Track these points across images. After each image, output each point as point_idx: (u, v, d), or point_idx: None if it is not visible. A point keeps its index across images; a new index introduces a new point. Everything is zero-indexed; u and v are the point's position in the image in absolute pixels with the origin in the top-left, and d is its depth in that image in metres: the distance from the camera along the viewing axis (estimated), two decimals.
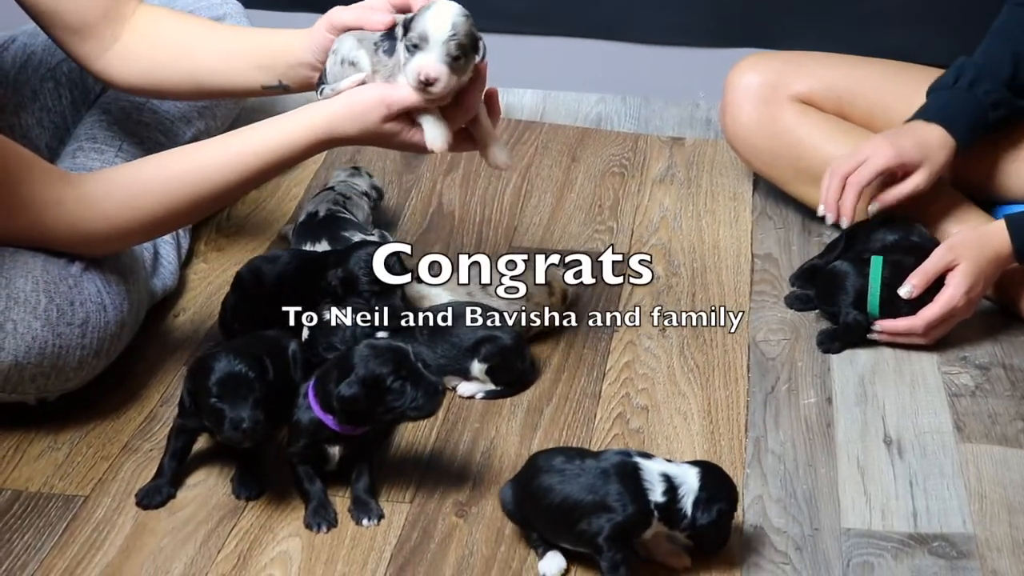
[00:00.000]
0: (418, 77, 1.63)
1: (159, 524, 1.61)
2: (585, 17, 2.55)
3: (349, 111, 1.66)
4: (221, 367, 1.59)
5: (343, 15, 1.72)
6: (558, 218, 2.23)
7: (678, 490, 1.50)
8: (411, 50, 1.63)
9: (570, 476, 1.51)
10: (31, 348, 1.66)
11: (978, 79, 1.98)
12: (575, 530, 1.50)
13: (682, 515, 1.50)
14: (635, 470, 1.51)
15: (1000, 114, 1.99)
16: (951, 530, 1.62)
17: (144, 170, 1.71)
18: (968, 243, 1.90)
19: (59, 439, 1.73)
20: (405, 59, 1.64)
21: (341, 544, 1.58)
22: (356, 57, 1.69)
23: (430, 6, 1.65)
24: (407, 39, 1.64)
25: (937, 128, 1.97)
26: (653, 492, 1.50)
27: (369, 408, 1.57)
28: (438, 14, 1.64)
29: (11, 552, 1.56)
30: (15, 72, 2.04)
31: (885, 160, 1.94)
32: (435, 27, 1.63)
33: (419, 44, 1.63)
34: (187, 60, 1.82)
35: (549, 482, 1.52)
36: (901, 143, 1.95)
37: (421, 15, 1.64)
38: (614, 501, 1.49)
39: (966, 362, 1.91)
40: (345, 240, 1.96)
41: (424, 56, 1.63)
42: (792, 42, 2.40)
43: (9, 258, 1.67)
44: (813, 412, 1.81)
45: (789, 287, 2.03)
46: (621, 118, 2.54)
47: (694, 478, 1.51)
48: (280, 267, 1.87)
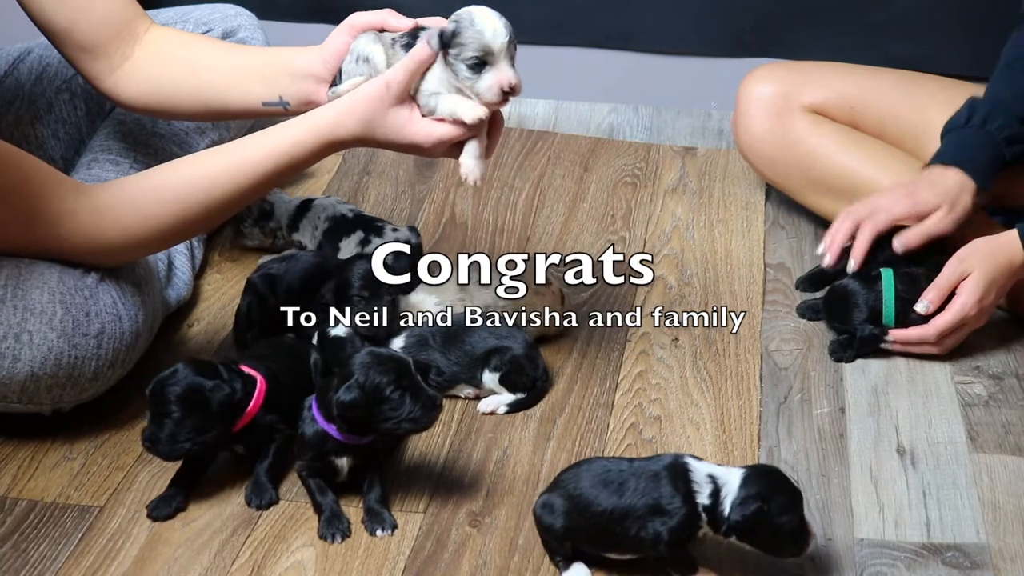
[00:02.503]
0: (502, 89, 1.62)
1: (174, 534, 1.61)
2: (597, 28, 2.56)
3: (352, 107, 1.66)
4: (159, 379, 1.62)
5: (365, 16, 1.73)
6: (570, 228, 2.23)
7: (721, 491, 1.50)
8: (476, 67, 1.62)
9: (619, 482, 1.51)
10: (47, 359, 1.67)
11: (991, 115, 1.96)
12: (631, 536, 1.50)
13: (723, 517, 1.49)
14: (685, 471, 1.51)
15: (1016, 150, 1.97)
16: (965, 540, 1.62)
17: (157, 178, 1.72)
18: (980, 253, 1.89)
19: (74, 449, 1.74)
20: (467, 78, 1.63)
21: (355, 554, 1.59)
22: (370, 52, 1.69)
23: (471, 17, 1.63)
24: (462, 58, 1.62)
25: (955, 172, 1.94)
26: (701, 495, 1.50)
27: (368, 415, 1.58)
28: (489, 23, 1.63)
29: (27, 562, 1.57)
30: (31, 84, 2.05)
31: (903, 210, 1.92)
32: (493, 36, 1.62)
33: (484, 58, 1.62)
34: (194, 78, 1.82)
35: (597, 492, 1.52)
36: (920, 195, 1.92)
37: (468, 27, 1.62)
38: (667, 504, 1.49)
39: (979, 372, 1.91)
40: (378, 229, 2.02)
41: (499, 68, 1.62)
42: (804, 52, 2.41)
43: (25, 269, 1.68)
44: (826, 422, 1.81)
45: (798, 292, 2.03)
46: (633, 128, 2.54)
47: (736, 478, 1.50)
48: (295, 268, 1.88)
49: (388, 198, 2.30)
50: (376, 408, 1.57)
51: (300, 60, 1.78)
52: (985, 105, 1.98)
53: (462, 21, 1.63)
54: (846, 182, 2.13)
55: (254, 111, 1.82)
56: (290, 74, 1.78)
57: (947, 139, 1.99)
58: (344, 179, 2.35)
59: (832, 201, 2.16)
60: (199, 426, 1.61)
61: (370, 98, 1.65)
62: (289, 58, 1.79)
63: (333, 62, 1.74)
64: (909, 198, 1.92)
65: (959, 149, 1.96)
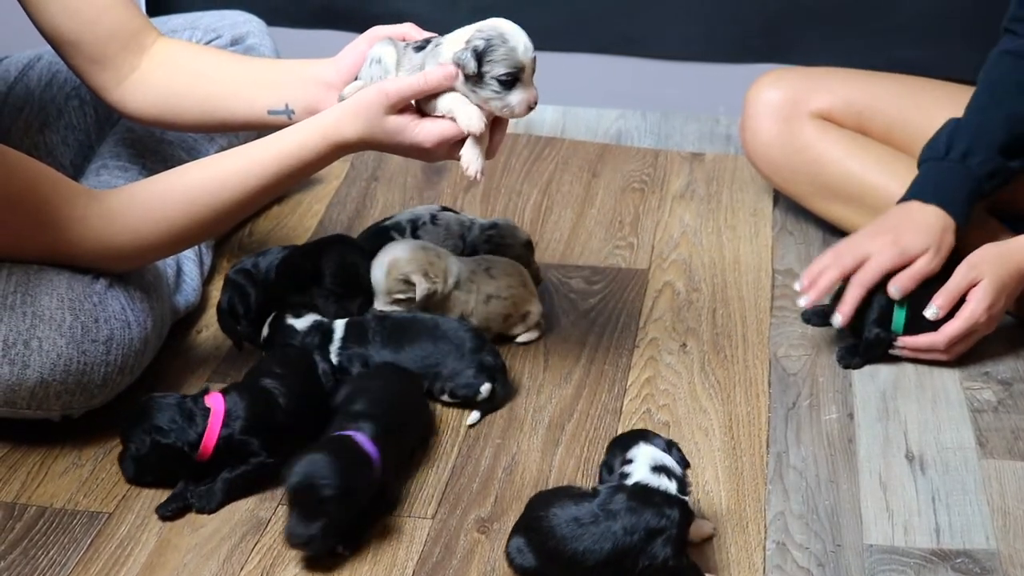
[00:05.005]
0: (529, 106, 1.65)
1: (182, 540, 1.61)
2: (605, 33, 2.56)
3: (354, 110, 1.67)
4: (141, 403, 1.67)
5: (385, 29, 1.75)
6: (578, 234, 2.23)
7: (667, 464, 1.54)
8: (508, 84, 1.63)
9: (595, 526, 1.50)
10: (56, 365, 1.67)
11: (972, 150, 1.93)
12: (637, 570, 1.50)
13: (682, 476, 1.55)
14: (646, 489, 1.51)
15: (996, 183, 1.95)
16: (974, 546, 1.62)
17: (165, 182, 1.72)
18: (989, 259, 1.89)
19: (83, 456, 1.74)
20: (495, 92, 1.64)
21: (363, 560, 1.59)
22: (382, 53, 1.70)
23: (502, 34, 1.64)
24: (494, 74, 1.63)
25: (936, 211, 1.92)
26: (671, 486, 1.52)
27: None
28: (520, 39, 1.64)
29: (36, 568, 1.57)
30: (40, 90, 2.06)
31: (890, 262, 1.89)
32: (524, 52, 1.64)
33: (517, 74, 1.63)
34: (200, 88, 1.83)
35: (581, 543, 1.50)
36: (905, 241, 1.89)
37: (501, 44, 1.63)
38: (658, 523, 1.49)
39: (988, 377, 1.90)
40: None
41: (527, 84, 1.64)
42: (812, 58, 2.41)
43: (34, 276, 1.68)
44: (835, 428, 1.81)
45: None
46: (641, 134, 2.54)
47: (661, 446, 1.56)
48: (268, 261, 1.90)
49: (396, 204, 2.30)
50: None
51: (312, 67, 1.79)
52: (965, 137, 1.95)
53: (493, 38, 1.63)
54: (854, 188, 2.13)
55: (259, 121, 1.82)
56: (300, 79, 1.79)
57: (925, 170, 1.97)
58: (352, 185, 2.35)
59: (840, 207, 2.16)
60: (160, 474, 1.67)
61: (368, 102, 1.66)
62: (300, 66, 1.80)
63: (347, 71, 1.75)
64: (895, 247, 1.89)
65: (939, 186, 1.94)
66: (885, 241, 1.90)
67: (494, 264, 1.93)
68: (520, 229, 2.03)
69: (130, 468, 1.67)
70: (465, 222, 2.04)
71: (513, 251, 1.99)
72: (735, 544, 1.61)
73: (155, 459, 1.64)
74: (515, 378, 1.88)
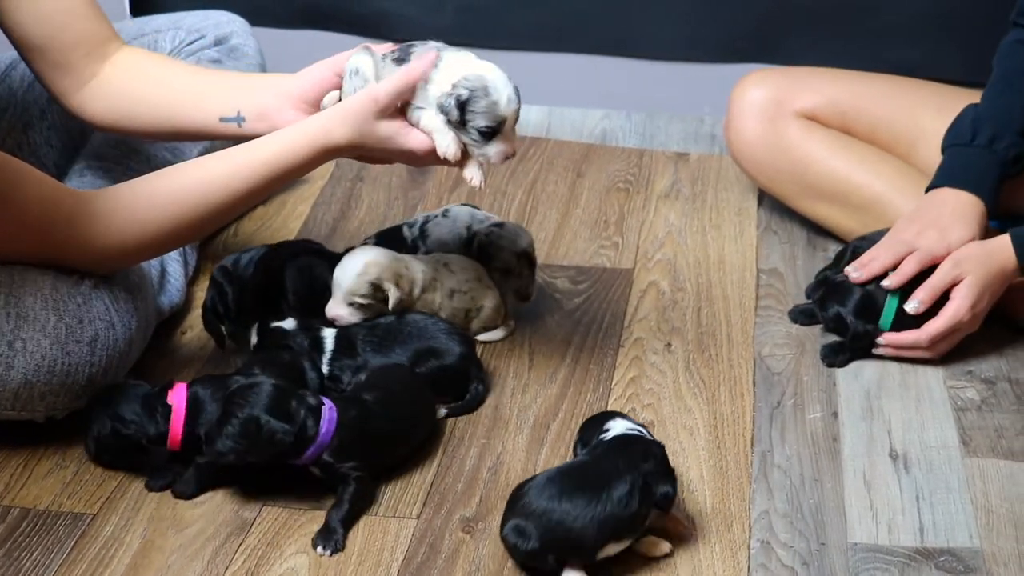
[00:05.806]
0: (506, 156, 1.68)
1: (167, 541, 1.61)
2: (590, 34, 2.56)
3: (342, 114, 1.69)
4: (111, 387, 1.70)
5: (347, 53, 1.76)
6: (563, 234, 2.23)
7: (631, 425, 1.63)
8: (487, 135, 1.66)
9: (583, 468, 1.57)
10: (40, 366, 1.67)
11: (998, 135, 1.96)
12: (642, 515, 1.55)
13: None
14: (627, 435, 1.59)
15: (1019, 167, 1.98)
16: (958, 544, 1.62)
17: (152, 184, 1.72)
18: (974, 257, 1.90)
19: (67, 457, 1.74)
20: (475, 141, 1.67)
21: (348, 560, 1.59)
22: (359, 64, 1.72)
23: (485, 86, 1.65)
24: (474, 125, 1.65)
25: (969, 197, 1.94)
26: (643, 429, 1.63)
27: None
28: (503, 91, 1.66)
29: (20, 570, 1.57)
30: (23, 91, 2.05)
31: (942, 252, 1.90)
32: (506, 105, 1.66)
33: (496, 128, 1.66)
34: (156, 96, 1.84)
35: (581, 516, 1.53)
36: (952, 236, 1.90)
37: (483, 97, 1.65)
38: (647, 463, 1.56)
39: (972, 376, 1.91)
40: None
41: (506, 136, 1.67)
42: (798, 58, 2.41)
43: (18, 276, 1.68)
44: (819, 427, 1.81)
45: (805, 299, 2.02)
46: (626, 134, 2.55)
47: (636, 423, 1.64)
48: (246, 259, 1.91)
49: (381, 204, 2.30)
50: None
51: (273, 79, 1.81)
52: (991, 122, 1.97)
53: (476, 90, 1.65)
54: (838, 187, 2.14)
55: (212, 129, 1.83)
56: (254, 88, 1.80)
57: (951, 156, 1.99)
58: (337, 185, 2.35)
59: (825, 206, 2.16)
60: (121, 457, 1.70)
61: (358, 108, 1.67)
62: (261, 78, 1.83)
63: (310, 86, 1.77)
64: (942, 242, 1.90)
65: (969, 172, 1.96)
66: (932, 237, 1.91)
67: (451, 260, 1.93)
68: (523, 238, 1.98)
69: (91, 447, 1.69)
70: (479, 216, 2.04)
71: (502, 256, 1.96)
72: (720, 543, 1.61)
73: (115, 445, 1.67)
74: (500, 378, 1.88)
